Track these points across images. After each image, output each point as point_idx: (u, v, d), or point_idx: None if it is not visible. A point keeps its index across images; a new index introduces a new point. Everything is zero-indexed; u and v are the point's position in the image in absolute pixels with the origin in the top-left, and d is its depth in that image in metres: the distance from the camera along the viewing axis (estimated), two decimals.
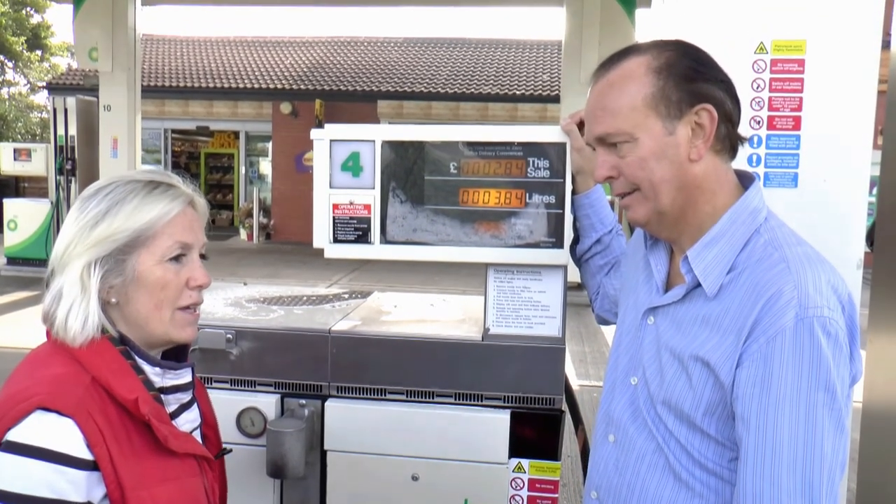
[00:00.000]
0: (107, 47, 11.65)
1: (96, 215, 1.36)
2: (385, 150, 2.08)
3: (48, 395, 1.26)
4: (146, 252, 1.37)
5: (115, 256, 1.36)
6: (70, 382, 1.30)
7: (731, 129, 1.40)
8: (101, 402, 1.30)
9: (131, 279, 1.37)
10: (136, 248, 1.37)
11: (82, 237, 1.35)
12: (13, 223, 13.09)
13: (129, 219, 1.36)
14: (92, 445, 1.25)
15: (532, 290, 2.16)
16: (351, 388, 2.23)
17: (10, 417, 1.25)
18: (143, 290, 1.38)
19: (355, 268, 14.01)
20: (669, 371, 1.40)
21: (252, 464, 2.21)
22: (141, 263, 1.37)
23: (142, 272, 1.37)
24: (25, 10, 32.24)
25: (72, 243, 1.36)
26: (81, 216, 1.38)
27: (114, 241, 1.35)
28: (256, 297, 2.72)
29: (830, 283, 1.28)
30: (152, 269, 1.38)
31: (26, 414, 1.24)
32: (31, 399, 1.26)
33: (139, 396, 1.32)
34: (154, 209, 1.38)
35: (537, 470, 2.16)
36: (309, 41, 23.02)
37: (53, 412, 1.25)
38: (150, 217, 1.37)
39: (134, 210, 1.37)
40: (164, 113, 19.86)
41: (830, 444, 1.22)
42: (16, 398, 1.27)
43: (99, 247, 1.35)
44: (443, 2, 14.27)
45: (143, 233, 1.37)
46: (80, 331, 1.33)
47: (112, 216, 1.36)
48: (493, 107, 18.42)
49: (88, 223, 1.36)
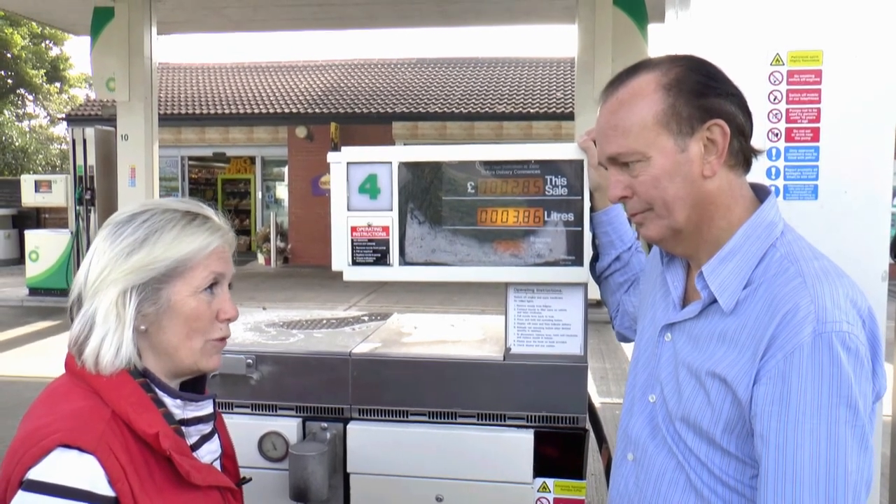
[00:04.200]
0: (124, 77, 11.78)
1: (133, 242, 1.35)
2: (402, 171, 2.09)
3: (69, 431, 1.25)
4: (182, 283, 1.37)
5: (151, 285, 1.35)
6: (91, 417, 1.28)
7: (745, 142, 1.39)
8: (122, 437, 1.28)
9: (165, 309, 1.36)
10: (174, 279, 1.36)
11: (118, 263, 1.34)
12: (35, 254, 13.22)
13: (168, 248, 1.36)
14: (114, 482, 1.24)
15: (553, 309, 2.14)
16: (373, 410, 2.23)
17: (32, 455, 1.24)
18: (177, 320, 1.37)
19: (373, 290, 14.02)
20: (687, 388, 1.38)
21: (275, 488, 2.20)
22: (176, 293, 1.37)
23: (176, 302, 1.37)
24: (45, 44, 32.74)
25: (106, 269, 1.34)
26: (117, 242, 1.36)
27: (152, 270, 1.35)
28: (276, 322, 2.72)
29: (849, 296, 1.26)
30: (187, 299, 1.37)
31: (48, 451, 1.24)
32: (52, 436, 1.25)
33: (160, 431, 1.31)
34: (194, 241, 1.38)
35: (562, 489, 2.14)
36: (323, 65, 23.19)
37: (75, 449, 1.24)
38: (190, 249, 1.37)
39: (174, 240, 1.36)
40: (180, 140, 20.04)
41: (854, 461, 1.19)
42: (37, 434, 1.26)
43: (136, 274, 1.34)
44: (455, 22, 14.33)
45: (183, 264, 1.37)
46: (113, 361, 1.32)
47: (151, 244, 1.35)
48: (508, 125, 18.45)
49: (124, 250, 1.35)
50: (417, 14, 13.38)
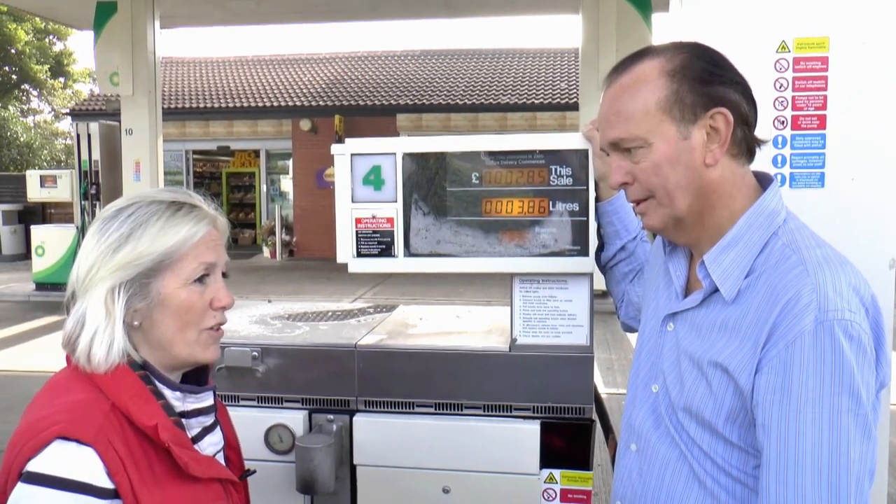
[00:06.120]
0: (127, 71, 11.79)
1: (119, 238, 1.34)
2: (406, 162, 2.08)
3: (68, 423, 1.25)
4: (171, 275, 1.35)
5: (139, 280, 1.33)
6: (90, 409, 1.28)
7: (748, 132, 1.38)
8: (121, 429, 1.28)
9: (156, 302, 1.35)
10: (161, 272, 1.35)
11: (105, 261, 1.33)
12: (41, 249, 13.26)
13: (153, 242, 1.34)
14: (112, 474, 1.24)
15: (558, 299, 2.14)
16: (379, 402, 2.23)
17: (31, 447, 1.24)
18: (168, 313, 1.36)
19: (379, 282, 14.03)
20: (689, 378, 1.38)
21: (282, 480, 2.20)
22: (166, 287, 1.35)
23: (167, 295, 1.35)
24: (48, 39, 32.77)
25: (94, 266, 1.33)
26: (103, 238, 1.34)
27: (138, 265, 1.33)
28: (281, 314, 2.72)
29: (851, 284, 1.25)
30: (177, 291, 1.36)
31: (46, 443, 1.23)
32: (51, 428, 1.24)
33: (159, 423, 1.30)
34: (179, 232, 1.36)
35: (569, 480, 2.14)
36: (326, 57, 23.16)
37: (73, 441, 1.23)
38: (175, 240, 1.35)
39: (158, 233, 1.34)
40: (185, 134, 20.06)
41: (857, 450, 1.19)
42: (36, 427, 1.26)
43: (123, 271, 1.32)
44: (459, 13, 14.30)
45: (169, 256, 1.35)
46: (105, 358, 1.31)
47: (136, 239, 1.33)
48: (512, 116, 18.43)
49: (111, 246, 1.33)
50: (421, 6, 13.37)
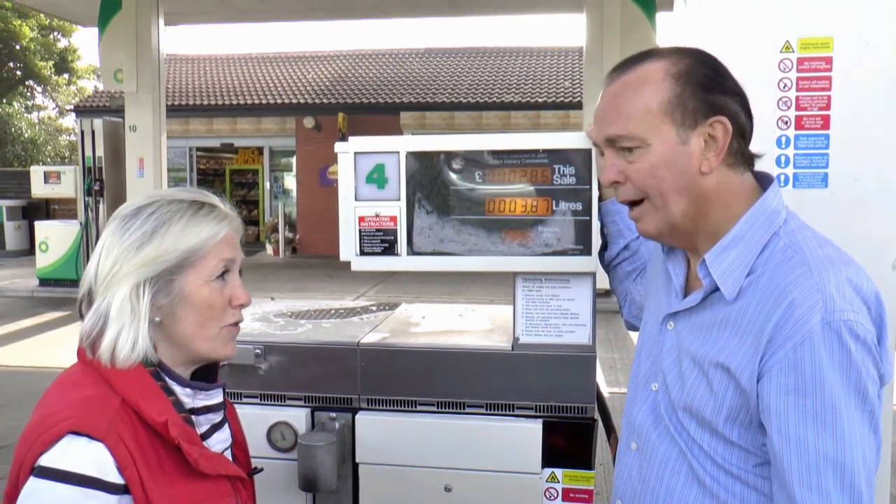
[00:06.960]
0: (131, 68, 11.81)
1: (142, 236, 1.35)
2: (410, 160, 2.08)
3: (79, 418, 1.26)
4: (194, 272, 1.38)
5: (164, 277, 1.36)
6: (101, 405, 1.30)
7: (744, 144, 1.38)
8: (131, 425, 1.30)
9: (179, 299, 1.37)
10: (185, 269, 1.37)
11: (128, 257, 1.34)
12: (44, 245, 13.28)
13: (178, 240, 1.36)
14: (122, 469, 1.25)
15: (561, 298, 2.14)
16: (381, 400, 2.23)
17: (42, 442, 1.26)
18: (192, 310, 1.38)
19: (381, 280, 14.03)
20: (690, 377, 1.38)
21: (284, 478, 2.21)
22: (189, 284, 1.37)
23: (190, 292, 1.37)
24: (53, 35, 32.81)
25: (116, 263, 1.34)
26: (126, 236, 1.36)
27: (163, 262, 1.35)
28: (284, 312, 2.72)
29: (852, 283, 1.25)
30: (200, 288, 1.38)
31: (58, 438, 1.25)
32: (63, 423, 1.26)
33: (169, 419, 1.31)
34: (203, 231, 1.38)
35: (571, 479, 2.14)
36: (330, 55, 23.17)
37: (84, 436, 1.25)
38: (199, 238, 1.37)
39: (182, 231, 1.37)
40: (188, 131, 20.07)
41: (869, 447, 1.21)
42: (48, 422, 1.28)
43: (147, 267, 1.34)
44: (463, 11, 14.28)
45: (193, 253, 1.37)
46: (129, 354, 1.32)
47: (160, 237, 1.35)
48: (516, 115, 18.41)
49: (134, 243, 1.35)
50: (425, 4, 13.36)
